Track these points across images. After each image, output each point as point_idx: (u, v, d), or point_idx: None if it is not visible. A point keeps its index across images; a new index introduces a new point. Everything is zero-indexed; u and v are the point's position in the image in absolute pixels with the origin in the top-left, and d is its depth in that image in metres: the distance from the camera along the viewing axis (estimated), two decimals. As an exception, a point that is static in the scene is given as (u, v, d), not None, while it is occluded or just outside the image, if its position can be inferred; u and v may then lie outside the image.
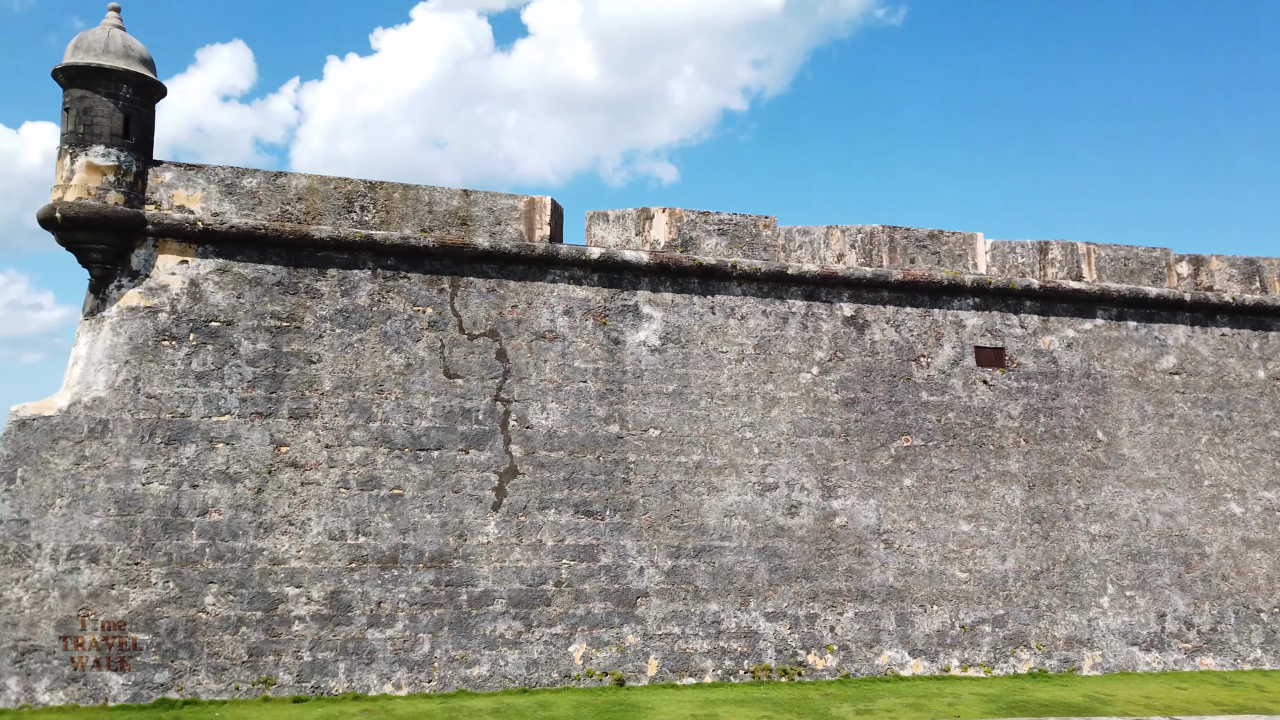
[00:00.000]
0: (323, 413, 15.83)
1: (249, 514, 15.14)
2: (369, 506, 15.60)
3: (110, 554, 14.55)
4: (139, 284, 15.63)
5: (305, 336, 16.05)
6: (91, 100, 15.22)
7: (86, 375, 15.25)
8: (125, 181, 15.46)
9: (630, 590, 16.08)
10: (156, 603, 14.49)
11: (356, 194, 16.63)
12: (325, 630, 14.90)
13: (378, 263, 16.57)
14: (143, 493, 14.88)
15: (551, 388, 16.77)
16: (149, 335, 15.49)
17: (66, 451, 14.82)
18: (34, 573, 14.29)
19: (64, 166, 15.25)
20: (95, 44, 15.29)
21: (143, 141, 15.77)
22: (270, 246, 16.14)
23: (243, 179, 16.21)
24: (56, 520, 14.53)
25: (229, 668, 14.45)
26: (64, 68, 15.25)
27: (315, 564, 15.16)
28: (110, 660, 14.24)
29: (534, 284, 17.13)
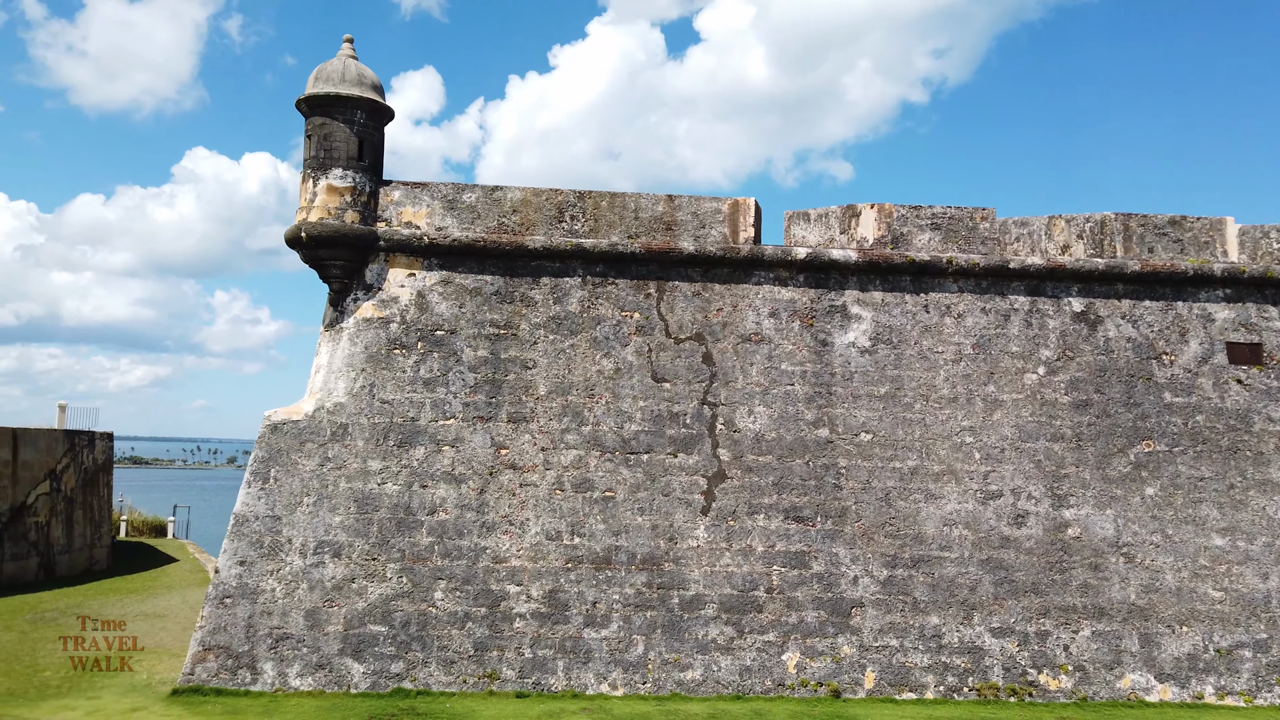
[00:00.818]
0: (538, 416, 16.32)
1: (473, 514, 15.81)
2: (583, 508, 15.93)
3: (351, 549, 15.58)
4: (372, 296, 16.70)
5: (521, 343, 16.62)
6: (330, 126, 16.44)
7: (328, 382, 16.44)
8: (360, 201, 16.57)
9: (844, 599, 15.58)
10: (391, 596, 15.38)
11: (567, 204, 17.08)
12: (544, 628, 15.31)
13: (587, 270, 16.94)
14: (378, 492, 15.85)
15: (758, 391, 16.55)
16: (382, 344, 16.52)
17: (312, 453, 16.02)
18: (286, 565, 15.51)
19: (307, 189, 16.54)
20: (333, 74, 16.51)
21: (374, 163, 16.87)
22: (488, 257, 16.84)
23: (463, 194, 17.01)
24: (304, 517, 15.72)
25: (457, 661, 15.11)
26: (306, 98, 16.55)
27: (534, 563, 15.62)
28: (351, 649, 15.23)
29: (739, 286, 16.98)
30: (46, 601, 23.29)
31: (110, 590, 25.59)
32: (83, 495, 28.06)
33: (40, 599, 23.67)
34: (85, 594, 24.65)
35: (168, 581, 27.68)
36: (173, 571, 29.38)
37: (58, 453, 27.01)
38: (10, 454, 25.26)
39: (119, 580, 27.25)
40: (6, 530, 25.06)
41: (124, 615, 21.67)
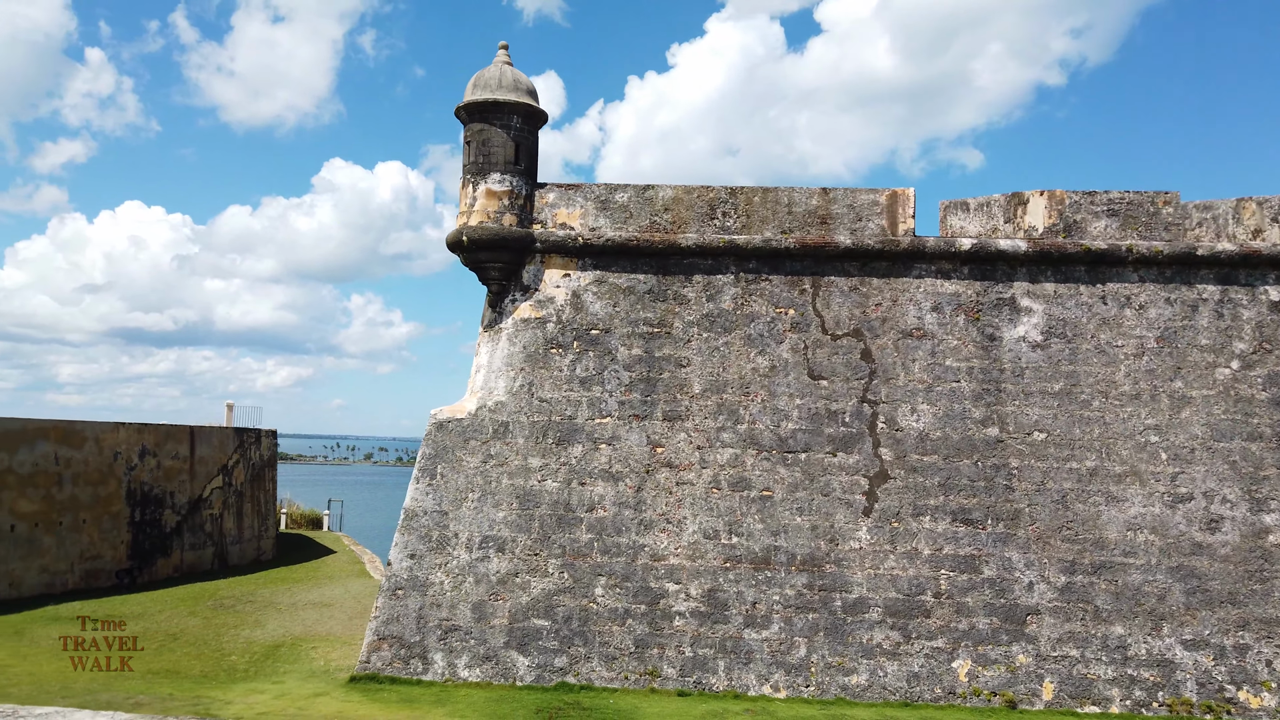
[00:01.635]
0: (693, 415, 16.26)
1: (630, 511, 15.89)
2: (740, 507, 15.77)
3: (514, 545, 15.91)
4: (529, 297, 17.01)
5: (675, 341, 16.59)
6: (488, 132, 16.83)
7: (488, 381, 16.84)
8: (517, 204, 16.91)
9: (1019, 606, 14.87)
10: (553, 592, 15.62)
11: (718, 201, 16.95)
12: (704, 627, 15.23)
13: (740, 267, 16.76)
14: (539, 489, 16.13)
15: (921, 388, 15.99)
16: (539, 344, 16.81)
17: (475, 450, 16.45)
18: (453, 559, 15.97)
19: (467, 194, 16.99)
20: (490, 80, 16.89)
21: (529, 167, 17.17)
22: (641, 256, 16.89)
23: (615, 194, 17.12)
24: (469, 512, 16.15)
25: (618, 657, 15.21)
26: (465, 105, 16.99)
27: (692, 562, 15.57)
28: (517, 642, 15.56)
29: (898, 280, 16.46)
30: (223, 589, 24.82)
31: (278, 580, 27.06)
32: (251, 489, 29.79)
33: (217, 586, 25.25)
34: (256, 583, 26.14)
35: (328, 572, 29.07)
36: (332, 562, 30.84)
37: (229, 449, 28.76)
38: (188, 450, 27.05)
39: (284, 570, 28.80)
40: (186, 521, 26.85)
41: (294, 603, 22.86)
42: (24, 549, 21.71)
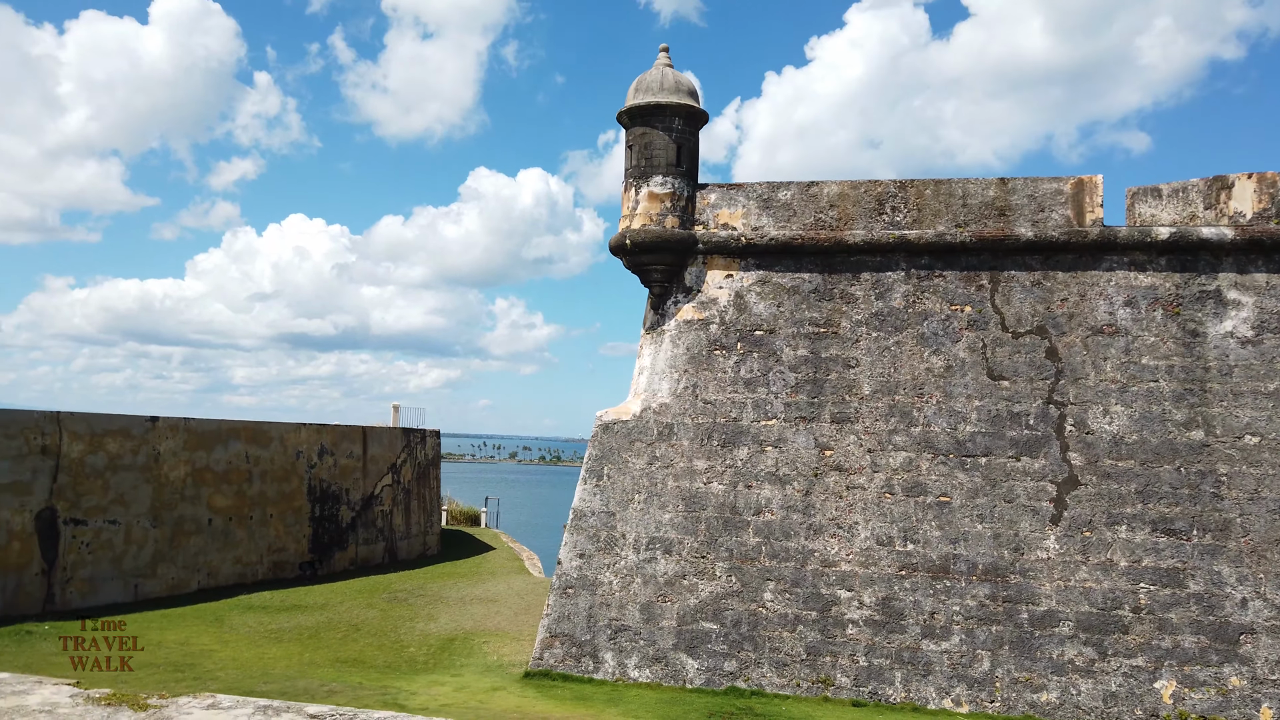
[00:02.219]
0: (863, 417, 15.79)
1: (799, 515, 15.58)
2: (915, 513, 15.19)
3: (681, 547, 15.88)
4: (692, 298, 16.95)
5: (842, 341, 16.16)
6: (650, 135, 16.89)
7: (652, 383, 16.89)
8: (679, 206, 16.89)
9: (1230, 624, 13.68)
10: (721, 595, 15.49)
11: (886, 195, 16.40)
12: (879, 636, 14.76)
13: (911, 263, 16.16)
14: (705, 491, 16.05)
15: (1114, 388, 14.96)
16: (703, 345, 16.72)
17: (641, 452, 16.52)
18: (621, 560, 16.10)
19: (629, 198, 17.10)
20: (652, 84, 16.94)
21: (691, 168, 17.12)
22: (805, 255, 16.55)
23: (778, 192, 16.85)
24: (636, 514, 16.24)
25: (789, 664, 14.94)
26: (627, 110, 17.11)
27: (865, 569, 15.11)
28: (685, 645, 15.53)
29: (1086, 273, 15.45)
30: (395, 583, 25.99)
31: (444, 574, 28.13)
32: (417, 487, 31.12)
33: (389, 580, 26.47)
34: (425, 577, 27.25)
35: (490, 568, 30.01)
36: (492, 559, 31.83)
37: (397, 448, 30.14)
38: (361, 449, 28.49)
39: (449, 565, 29.93)
40: (360, 517, 28.29)
41: (461, 598, 23.68)
42: (219, 541, 23.38)
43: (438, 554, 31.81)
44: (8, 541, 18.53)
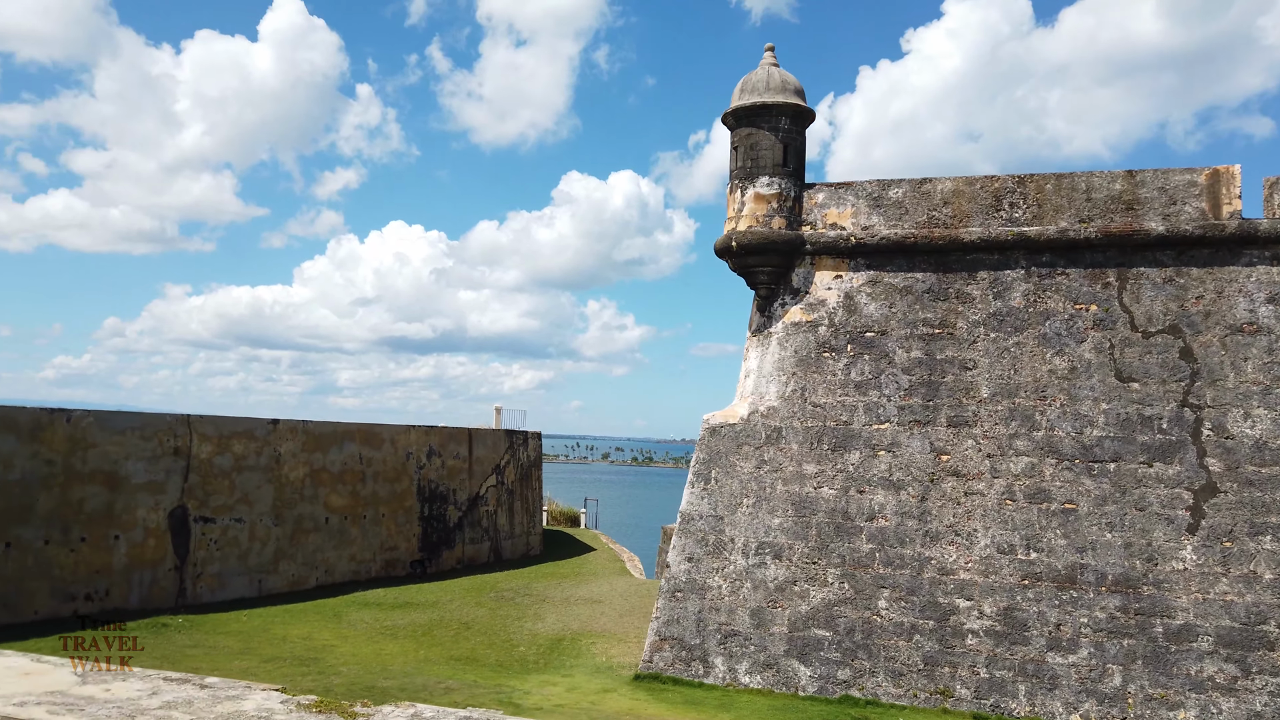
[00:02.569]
0: (981, 421, 15.29)
1: (914, 521, 15.18)
2: (1038, 521, 14.62)
3: (791, 552, 15.68)
4: (799, 300, 16.72)
5: (958, 343, 15.69)
6: (756, 136, 16.73)
7: (759, 386, 16.73)
8: (785, 206, 16.68)
9: (1393, 644, 12.72)
10: (834, 602, 15.22)
11: (1004, 190, 15.84)
12: (1000, 648, 14.26)
13: (1031, 260, 15.57)
14: (815, 496, 15.80)
15: (1257, 390, 14.10)
16: (811, 348, 16.47)
17: (749, 456, 16.38)
18: (729, 564, 15.99)
19: (735, 199, 16.97)
20: (758, 84, 16.79)
21: (798, 168, 16.90)
22: (918, 254, 16.12)
23: (889, 190, 16.47)
24: (744, 518, 16.10)
25: (905, 674, 14.57)
26: (732, 111, 16.99)
27: (985, 578, 14.63)
28: (797, 651, 15.32)
29: (1224, 269, 14.61)
30: (501, 582, 26.46)
31: (548, 575, 28.50)
32: (520, 488, 31.63)
33: (495, 579, 26.96)
34: (529, 577, 27.67)
35: (592, 569, 30.28)
36: (594, 560, 32.11)
37: (501, 449, 30.69)
38: (467, 451, 29.12)
39: (552, 565, 30.32)
40: (466, 517, 28.91)
41: (566, 598, 23.94)
42: (336, 539, 24.21)
43: (540, 554, 32.25)
44: (144, 538, 19.57)
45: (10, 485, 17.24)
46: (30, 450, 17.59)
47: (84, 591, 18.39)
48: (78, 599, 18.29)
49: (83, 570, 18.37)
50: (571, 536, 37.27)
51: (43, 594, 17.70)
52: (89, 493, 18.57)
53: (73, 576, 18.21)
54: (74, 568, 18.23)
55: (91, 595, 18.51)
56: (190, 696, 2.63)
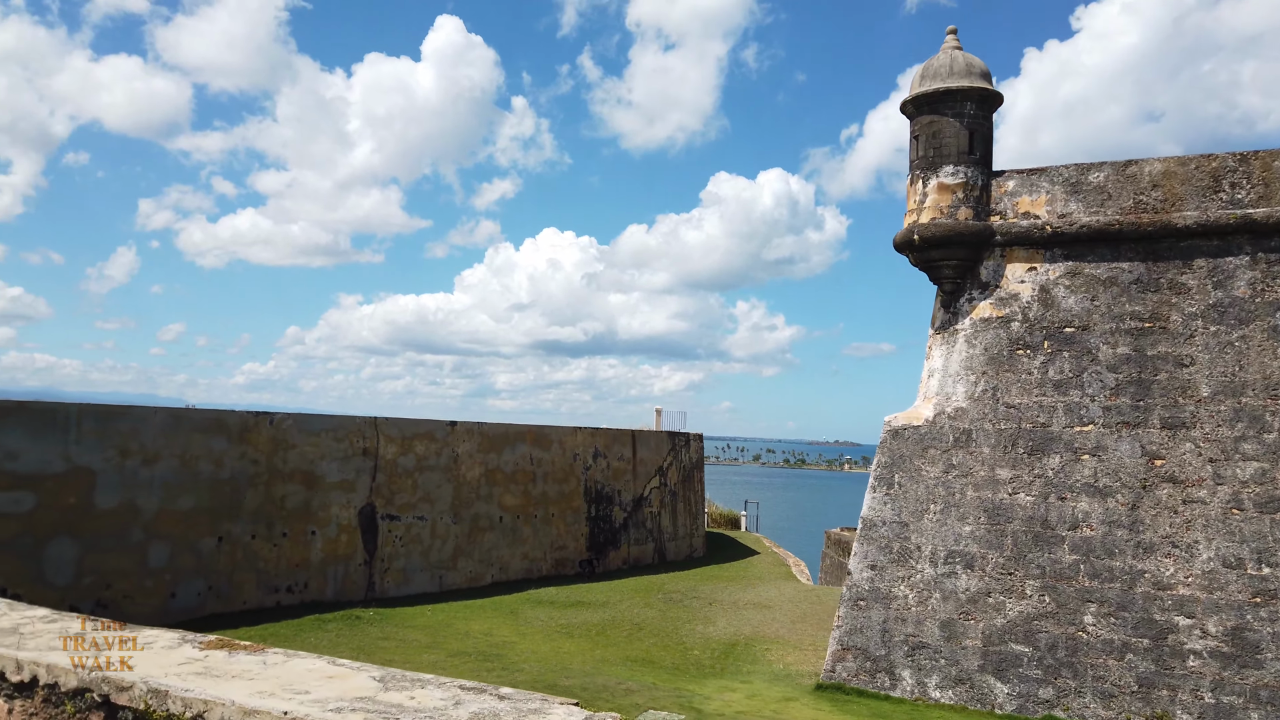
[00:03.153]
0: (1201, 422, 13.96)
1: (1124, 531, 14.03)
2: (1272, 532, 13.19)
3: (984, 562, 14.81)
4: (989, 295, 15.81)
5: (1172, 337, 14.39)
6: (939, 123, 15.95)
7: (944, 386, 15.92)
8: (972, 196, 15.81)
9: None
10: (1033, 616, 14.27)
11: (1224, 170, 14.43)
12: (1229, 671, 12.94)
13: (1257, 246, 14.10)
14: (1010, 503, 14.87)
15: None
16: (1003, 345, 15.53)
17: (935, 460, 15.60)
18: (916, 573, 15.27)
19: (915, 191, 16.24)
20: (940, 69, 16.00)
21: (984, 155, 15.99)
22: (1124, 242, 14.92)
23: (1088, 175, 15.33)
24: (931, 525, 15.35)
25: (1117, 695, 13.47)
26: (912, 98, 16.27)
27: (1208, 594, 13.33)
28: (993, 667, 14.45)
29: None
30: (668, 584, 26.46)
31: (713, 577, 28.32)
32: (683, 489, 31.60)
33: (662, 580, 27.00)
34: (695, 579, 27.56)
35: (756, 573, 29.87)
36: (758, 564, 31.69)
37: (663, 451, 30.75)
38: (631, 452, 29.32)
39: (716, 568, 30.11)
40: (631, 518, 29.11)
41: (734, 602, 23.67)
42: (509, 538, 24.86)
43: (703, 556, 32.11)
44: (337, 534, 20.68)
45: (221, 483, 18.57)
46: (239, 451, 18.89)
47: (286, 584, 19.59)
48: (280, 591, 19.50)
49: (284, 564, 19.58)
50: (733, 539, 36.95)
51: (250, 585, 18.97)
52: (289, 490, 19.77)
53: (275, 569, 19.43)
54: (277, 561, 19.45)
55: (292, 588, 19.70)
56: (494, 708, 2.55)
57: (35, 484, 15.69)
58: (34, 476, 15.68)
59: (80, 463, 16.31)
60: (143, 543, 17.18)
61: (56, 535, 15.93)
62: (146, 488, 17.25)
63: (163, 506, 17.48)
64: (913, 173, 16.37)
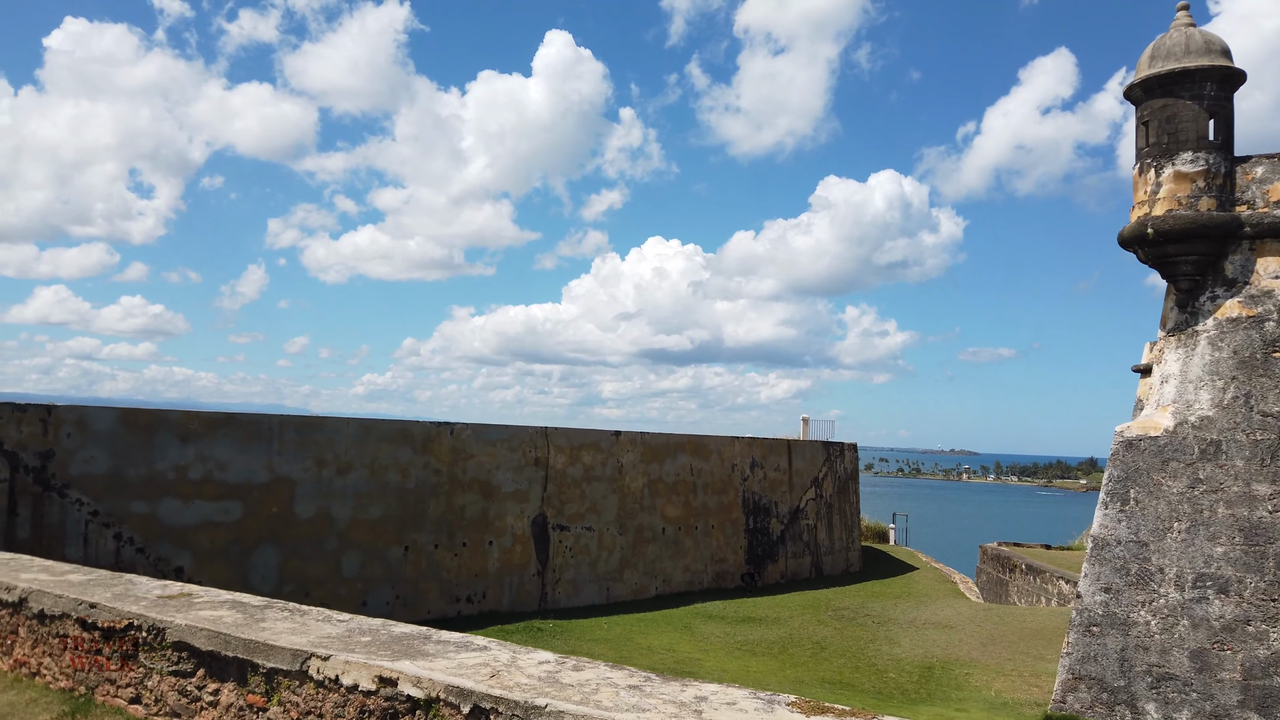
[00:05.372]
0: None
1: None
2: None
3: (1240, 586, 13.42)
4: (1236, 292, 14.40)
5: None
6: (1173, 107, 14.64)
7: (1184, 393, 14.57)
8: (1214, 185, 14.45)
9: None
10: (1306, 648, 12.80)
11: None
12: None
13: None
14: (1270, 522, 13.43)
15: None
16: (1256, 347, 14.10)
17: (1178, 474, 14.28)
18: (1159, 597, 13.97)
19: (1146, 181, 14.96)
20: (1174, 48, 14.71)
21: (1226, 139, 14.60)
22: (1404, 231, 13.31)
23: (1356, 157, 13.79)
24: (1175, 545, 14.02)
25: None
26: (1140, 82, 15.01)
27: None
28: (1256, 703, 13.04)
29: None
30: (832, 599, 25.45)
31: (877, 594, 27.15)
32: (838, 501, 30.52)
33: (825, 596, 25.99)
34: (858, 595, 26.46)
35: (921, 589, 28.54)
36: (919, 580, 30.31)
37: (818, 461, 29.76)
38: (786, 463, 28.45)
39: (877, 584, 28.90)
40: (788, 530, 28.23)
41: (910, 621, 22.52)
42: (671, 549, 24.35)
43: (860, 571, 30.93)
44: (512, 544, 20.55)
45: (408, 493, 18.63)
46: (423, 461, 18.94)
47: (466, 593, 19.54)
48: (461, 600, 19.46)
49: (465, 573, 19.54)
50: (885, 553, 35.57)
51: (434, 595, 18.97)
52: (468, 500, 19.74)
53: (457, 579, 19.40)
54: (458, 570, 19.42)
55: (472, 597, 19.64)
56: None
57: (243, 494, 15.97)
58: (241, 486, 15.97)
59: (281, 473, 16.55)
60: (336, 551, 17.34)
61: (261, 543, 16.19)
62: (340, 497, 17.42)
63: (354, 516, 17.62)
64: (1141, 162, 15.09)
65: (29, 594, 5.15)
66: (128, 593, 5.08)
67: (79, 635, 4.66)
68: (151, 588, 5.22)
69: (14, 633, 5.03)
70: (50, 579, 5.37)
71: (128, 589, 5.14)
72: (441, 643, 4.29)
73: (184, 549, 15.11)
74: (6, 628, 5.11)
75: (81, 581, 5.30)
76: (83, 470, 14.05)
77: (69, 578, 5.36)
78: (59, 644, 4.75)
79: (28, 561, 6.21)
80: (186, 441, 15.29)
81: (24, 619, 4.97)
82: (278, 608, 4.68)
